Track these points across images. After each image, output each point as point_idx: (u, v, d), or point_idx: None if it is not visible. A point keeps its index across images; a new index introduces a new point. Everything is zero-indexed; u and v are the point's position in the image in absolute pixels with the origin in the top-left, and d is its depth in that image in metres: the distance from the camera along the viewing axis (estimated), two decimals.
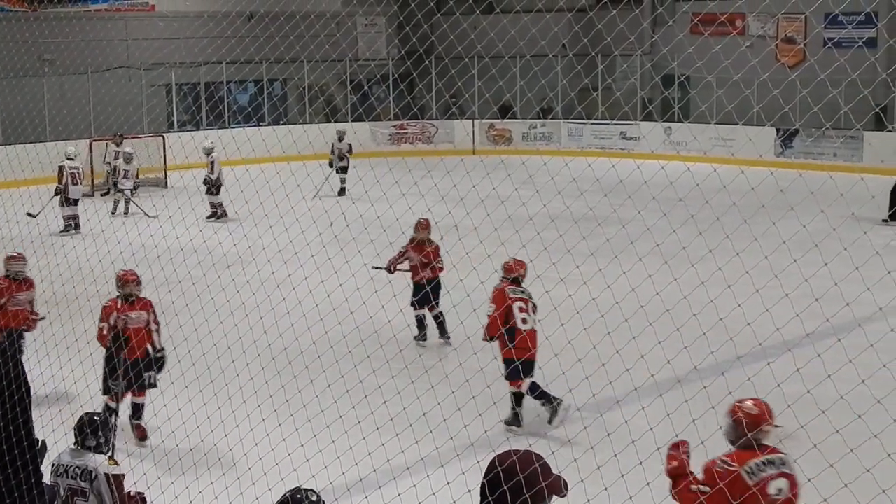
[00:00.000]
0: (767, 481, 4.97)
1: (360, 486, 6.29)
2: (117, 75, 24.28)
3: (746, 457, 5.01)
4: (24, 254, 9.88)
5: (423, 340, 10.85)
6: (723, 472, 4.93)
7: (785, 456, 5.17)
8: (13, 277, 9.60)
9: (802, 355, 6.75)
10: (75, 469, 5.61)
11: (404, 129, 27.02)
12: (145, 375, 8.56)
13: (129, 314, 8.55)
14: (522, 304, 8.44)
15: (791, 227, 7.34)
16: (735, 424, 5.20)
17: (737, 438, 5.14)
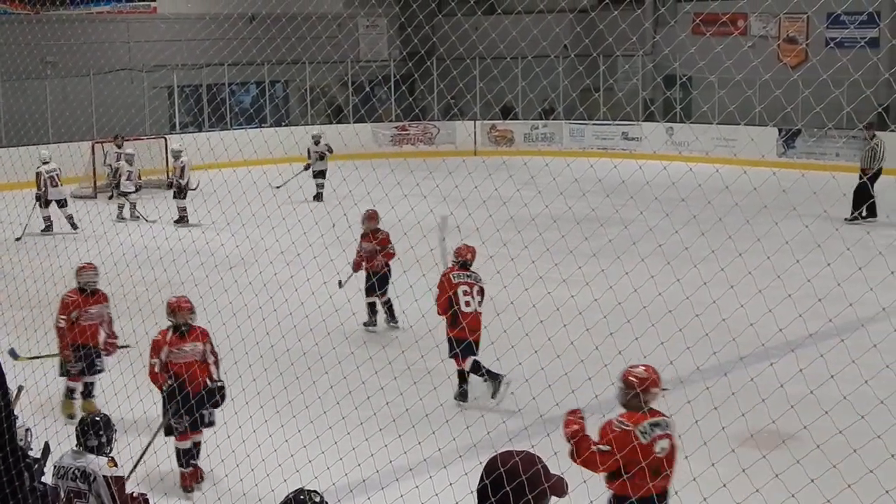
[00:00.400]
0: (655, 440, 5.49)
1: (363, 486, 6.29)
2: (119, 77, 24.29)
3: (638, 418, 5.51)
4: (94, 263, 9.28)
5: (373, 326, 11.23)
6: (619, 432, 5.44)
7: (669, 419, 5.64)
8: (84, 289, 8.99)
9: (805, 355, 6.75)
10: (75, 471, 5.61)
11: (406, 131, 27.02)
12: (203, 412, 7.73)
13: (181, 347, 7.72)
14: (467, 287, 8.91)
15: (794, 228, 7.33)
16: (627, 388, 5.65)
17: (629, 402, 5.63)
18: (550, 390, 6.23)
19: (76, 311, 8.81)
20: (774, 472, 4.92)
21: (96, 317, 8.92)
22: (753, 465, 5.16)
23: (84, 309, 8.85)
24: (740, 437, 6.63)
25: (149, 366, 7.72)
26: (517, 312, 6.79)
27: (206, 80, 25.62)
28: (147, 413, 7.38)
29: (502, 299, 7.61)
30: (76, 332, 8.77)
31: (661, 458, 5.50)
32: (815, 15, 22.19)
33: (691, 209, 7.60)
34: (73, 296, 8.90)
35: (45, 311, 9.82)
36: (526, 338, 6.30)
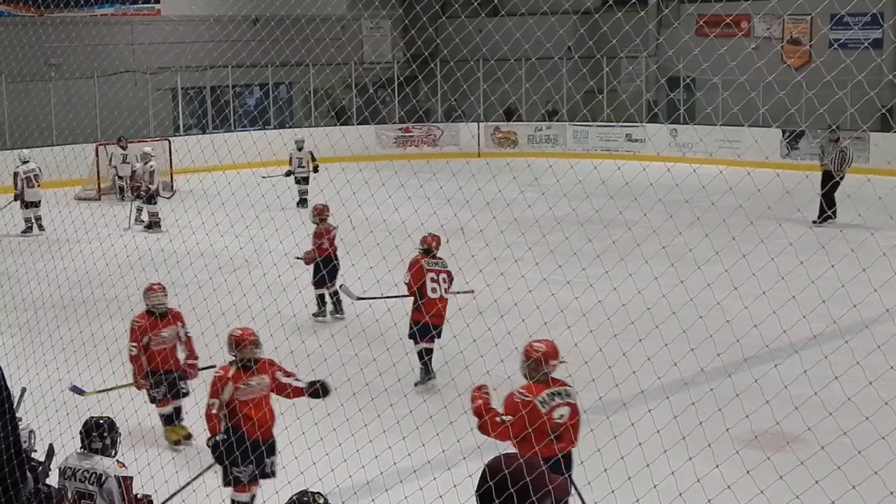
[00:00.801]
0: (554, 408, 5.96)
1: (367, 488, 6.29)
2: (123, 79, 24.32)
3: (538, 389, 5.98)
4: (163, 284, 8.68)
5: (322, 317, 11.74)
6: (520, 402, 5.88)
7: (570, 388, 6.10)
8: (153, 312, 8.42)
9: (809, 357, 6.75)
10: (83, 472, 5.61)
11: (409, 133, 27.02)
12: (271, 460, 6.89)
13: (248, 383, 6.82)
14: (434, 275, 9.53)
15: (797, 229, 7.33)
16: (528, 362, 6.08)
17: (530, 374, 6.07)
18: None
19: (146, 337, 8.26)
20: (779, 473, 4.92)
21: (169, 340, 8.37)
22: (758, 466, 5.16)
23: (155, 333, 8.30)
24: (745, 438, 6.63)
25: (206, 407, 6.80)
26: (521, 314, 6.79)
27: (210, 82, 25.66)
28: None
29: (506, 301, 7.61)
30: (150, 358, 8.22)
31: (561, 424, 5.96)
32: (818, 16, 22.17)
33: (695, 211, 7.60)
34: (142, 320, 8.35)
35: (50, 314, 9.85)
36: (530, 340, 6.30)
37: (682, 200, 7.61)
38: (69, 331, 8.61)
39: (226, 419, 6.72)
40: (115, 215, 18.74)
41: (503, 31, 9.85)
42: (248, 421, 6.66)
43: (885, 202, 6.70)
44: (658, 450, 5.16)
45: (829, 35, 22.31)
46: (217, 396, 6.71)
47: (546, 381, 6.05)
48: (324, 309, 11.87)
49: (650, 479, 4.72)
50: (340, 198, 8.47)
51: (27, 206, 17.61)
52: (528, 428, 5.68)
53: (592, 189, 8.03)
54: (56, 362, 8.00)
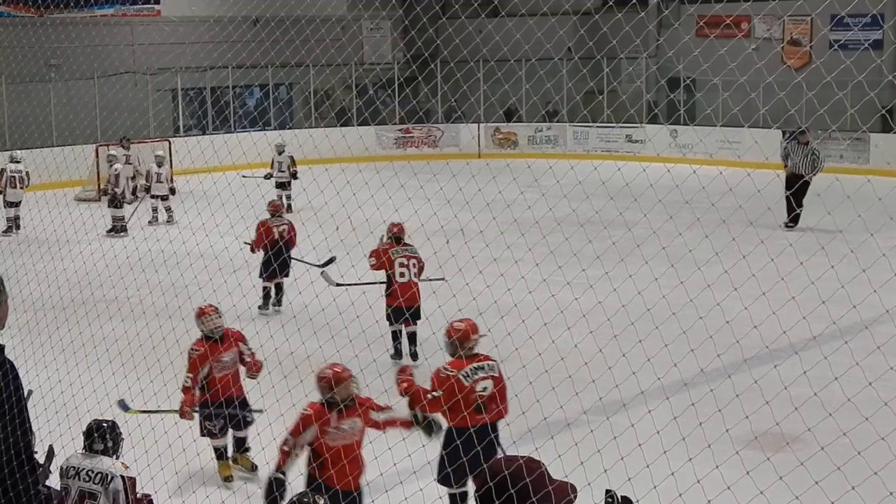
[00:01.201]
0: (477, 382, 6.43)
1: (367, 489, 6.29)
2: (123, 80, 24.33)
3: (461, 364, 6.46)
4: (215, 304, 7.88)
5: (266, 310, 11.99)
6: (445, 377, 6.36)
7: (493, 362, 6.57)
8: (211, 337, 7.66)
9: (809, 358, 6.75)
10: (88, 472, 5.61)
11: (410, 133, 27.02)
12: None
13: (339, 426, 6.05)
14: (404, 260, 10.06)
15: (798, 230, 7.32)
16: (450, 340, 6.58)
17: (453, 351, 6.56)
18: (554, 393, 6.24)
19: (206, 366, 7.52)
20: (779, 474, 4.92)
21: (231, 364, 7.62)
22: (758, 467, 5.16)
23: (216, 359, 7.53)
24: (745, 439, 6.63)
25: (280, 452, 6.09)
26: (521, 315, 6.79)
27: (210, 82, 25.66)
28: None
29: (506, 302, 7.61)
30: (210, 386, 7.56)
31: (485, 396, 6.44)
32: (818, 17, 22.16)
33: (695, 211, 7.60)
34: (200, 347, 7.56)
35: (50, 315, 9.84)
36: (530, 340, 6.30)
37: (682, 201, 7.60)
38: (69, 332, 8.61)
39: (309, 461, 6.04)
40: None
41: (503, 32, 9.86)
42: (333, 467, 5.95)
43: (884, 203, 6.70)
44: (658, 450, 5.16)
45: (829, 36, 22.30)
46: (296, 436, 5.99)
47: (469, 356, 6.55)
48: (268, 303, 12.17)
49: (650, 480, 4.72)
50: (340, 199, 8.47)
51: (8, 206, 17.62)
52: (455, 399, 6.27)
53: (592, 190, 8.03)
54: (56, 363, 8.00)
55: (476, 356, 6.58)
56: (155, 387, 8.02)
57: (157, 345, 8.27)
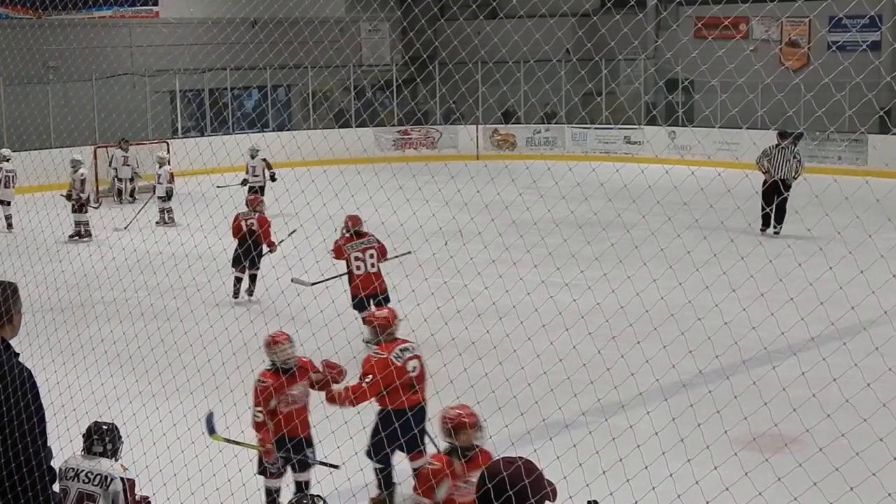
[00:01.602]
0: (407, 361, 6.95)
1: (365, 491, 6.29)
2: (121, 82, 24.33)
3: (390, 347, 6.95)
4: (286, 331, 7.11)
5: (236, 298, 12.66)
6: (378, 360, 6.85)
7: (413, 343, 7.13)
8: (283, 369, 6.87)
9: (807, 359, 6.75)
10: (87, 473, 5.61)
11: (408, 135, 27.03)
12: None
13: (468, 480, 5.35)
14: (359, 254, 10.67)
15: (795, 231, 7.33)
16: (374, 328, 7.12)
17: (375, 337, 7.10)
18: (553, 394, 6.24)
19: (274, 399, 6.80)
20: (777, 475, 4.91)
21: (300, 398, 6.86)
22: (756, 468, 5.15)
23: (284, 393, 6.80)
24: (743, 440, 6.63)
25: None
26: (519, 316, 6.79)
27: (209, 84, 25.66)
28: None
29: (505, 303, 7.61)
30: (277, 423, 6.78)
31: (413, 376, 6.94)
32: (817, 18, 22.20)
33: (694, 213, 7.60)
34: (268, 380, 6.82)
35: (48, 316, 9.84)
36: (528, 342, 6.31)
37: (680, 202, 7.60)
38: (67, 333, 8.61)
39: None
40: (114, 217, 18.75)
41: (501, 34, 9.87)
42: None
43: (883, 204, 6.70)
44: (656, 452, 5.16)
45: (827, 37, 22.32)
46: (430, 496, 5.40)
47: (390, 341, 7.01)
48: (238, 291, 12.86)
49: (649, 481, 4.72)
50: (339, 200, 8.47)
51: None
52: (388, 381, 6.64)
53: (591, 191, 8.03)
54: (54, 365, 7.99)
55: (397, 340, 7.06)
56: (153, 388, 8.02)
57: (155, 346, 8.27)
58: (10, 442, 4.12)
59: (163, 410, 7.86)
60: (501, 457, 2.87)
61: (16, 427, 4.10)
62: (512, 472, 2.76)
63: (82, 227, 17.30)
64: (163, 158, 19.41)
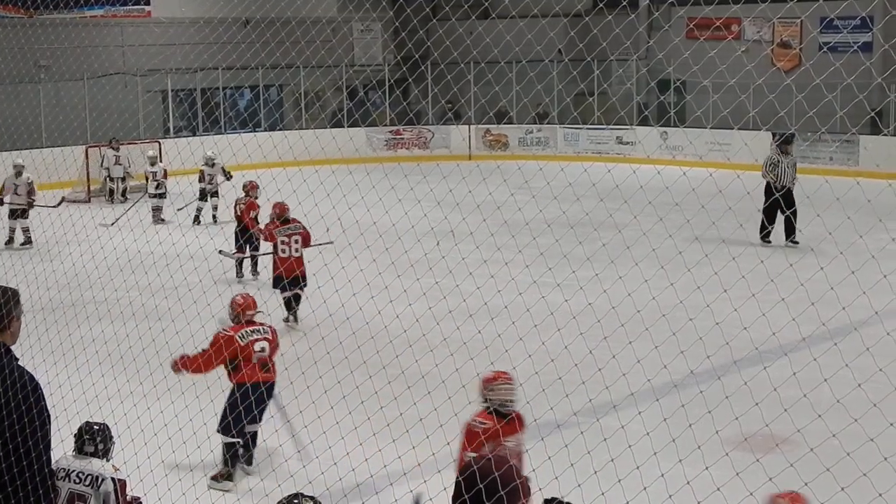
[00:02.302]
0: (253, 342, 7.61)
1: (357, 491, 6.28)
2: (113, 81, 24.28)
3: (238, 328, 7.71)
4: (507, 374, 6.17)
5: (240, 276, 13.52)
6: (224, 337, 7.58)
7: (266, 326, 7.84)
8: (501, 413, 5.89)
9: (799, 359, 6.76)
10: (78, 473, 5.60)
11: (400, 135, 27.02)
12: None
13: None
14: (285, 238, 11.56)
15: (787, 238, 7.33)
16: (232, 310, 7.87)
17: (235, 318, 7.81)
18: (545, 395, 6.25)
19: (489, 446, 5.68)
20: (768, 475, 4.92)
21: (514, 452, 5.78)
22: (747, 468, 5.16)
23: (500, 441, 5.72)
24: (734, 440, 6.64)
25: None
26: (511, 317, 6.79)
27: (201, 84, 25.62)
28: None
29: (496, 304, 7.61)
30: None
31: (263, 356, 7.60)
32: (808, 19, 22.26)
33: (685, 213, 7.61)
34: (488, 422, 5.83)
35: (39, 317, 9.81)
36: (520, 342, 6.31)
37: (672, 203, 7.62)
38: (58, 333, 8.58)
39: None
40: (105, 217, 18.71)
41: (494, 34, 9.87)
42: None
43: (874, 205, 6.71)
44: (648, 452, 5.17)
45: (818, 38, 22.38)
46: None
47: (248, 322, 7.78)
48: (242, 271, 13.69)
49: (640, 482, 4.72)
50: (331, 200, 8.47)
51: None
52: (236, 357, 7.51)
53: (583, 191, 8.03)
54: (45, 365, 7.96)
55: (253, 323, 7.79)
56: (145, 388, 8.00)
57: (146, 346, 8.25)
58: (11, 447, 4.12)
59: (154, 410, 7.85)
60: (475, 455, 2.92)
61: (17, 431, 4.09)
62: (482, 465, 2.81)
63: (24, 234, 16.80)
64: (154, 157, 19.32)
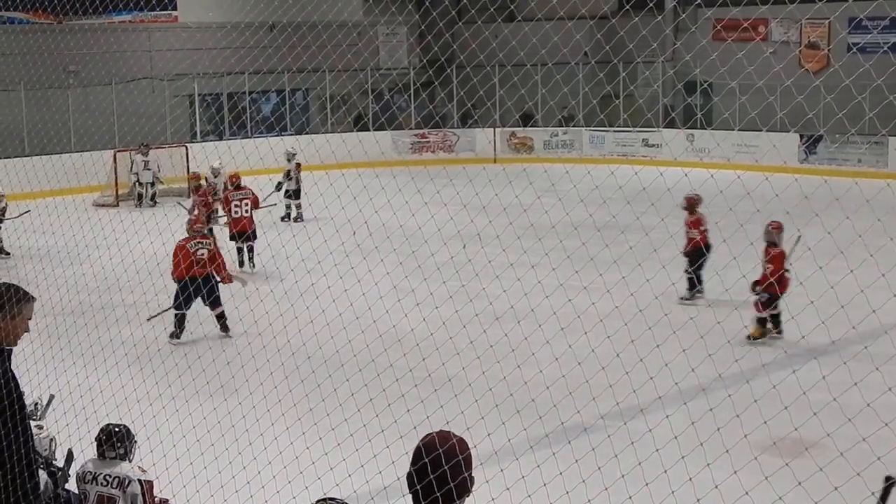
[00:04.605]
0: (197, 251, 11.24)
1: (384, 494, 6.28)
2: (141, 86, 24.45)
3: (189, 240, 11.38)
4: None
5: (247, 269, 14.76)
6: (179, 246, 11.25)
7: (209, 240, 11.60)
8: None
9: (828, 363, 6.71)
10: (106, 476, 5.64)
11: (426, 138, 27.04)
12: None
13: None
14: (237, 202, 14.99)
15: (816, 234, 7.30)
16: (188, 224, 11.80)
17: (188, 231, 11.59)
18: (572, 398, 6.24)
19: None
20: (797, 479, 4.89)
21: None
22: (776, 472, 5.13)
23: None
24: (763, 444, 6.60)
25: None
26: (538, 320, 6.79)
27: (227, 88, 25.76)
28: None
29: (523, 307, 7.61)
30: None
31: (203, 258, 11.23)
32: (837, 20, 22.10)
33: (713, 216, 7.58)
34: None
35: (69, 319, 9.89)
36: (547, 345, 6.31)
37: None
38: (88, 336, 8.66)
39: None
40: (133, 221, 18.83)
41: (519, 37, 9.86)
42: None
43: None
44: (675, 456, 5.15)
45: (847, 39, 22.21)
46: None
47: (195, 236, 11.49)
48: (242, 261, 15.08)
49: (668, 486, 4.70)
50: (357, 204, 8.49)
51: None
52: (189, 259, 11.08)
53: (609, 194, 8.02)
54: (75, 367, 8.04)
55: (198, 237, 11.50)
56: (173, 390, 8.05)
57: (174, 350, 8.31)
58: None
59: (182, 413, 7.90)
60: (436, 431, 2.93)
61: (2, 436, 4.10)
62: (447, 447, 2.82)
63: None
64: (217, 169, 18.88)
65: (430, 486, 2.81)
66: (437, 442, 2.87)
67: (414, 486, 2.85)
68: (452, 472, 2.82)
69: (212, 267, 11.27)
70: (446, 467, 2.81)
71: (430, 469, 2.82)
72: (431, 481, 2.81)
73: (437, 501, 2.82)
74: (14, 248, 15.84)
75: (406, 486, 2.90)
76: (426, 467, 2.82)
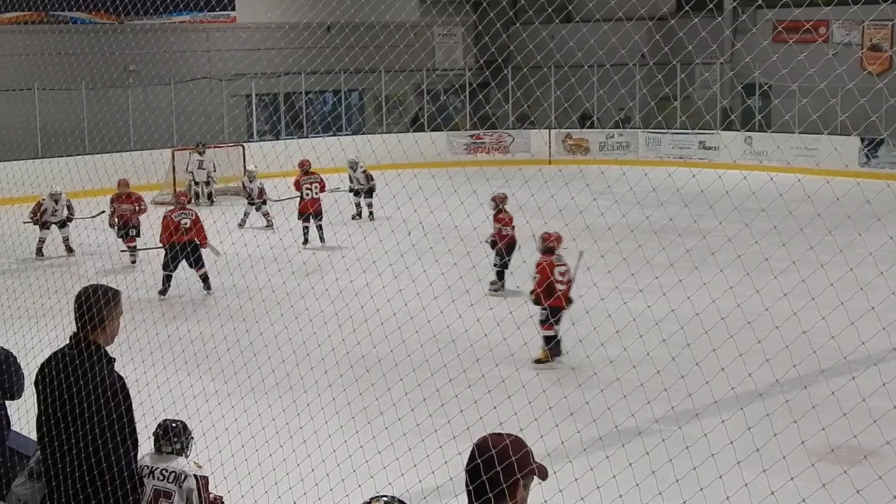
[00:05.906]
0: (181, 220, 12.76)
1: (437, 493, 6.31)
2: (199, 86, 24.73)
3: (175, 211, 13.07)
4: None
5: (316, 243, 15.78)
6: (167, 217, 12.86)
7: (191, 210, 13.31)
8: None
9: (888, 369, 6.61)
10: (163, 471, 5.71)
11: (481, 139, 27.03)
12: None
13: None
14: (308, 185, 16.38)
15: (877, 239, 7.18)
16: (174, 200, 13.77)
17: (174, 203, 13.17)
18: (626, 401, 6.20)
19: None
20: (855, 487, 4.82)
21: None
22: (834, 480, 5.06)
23: None
24: (820, 451, 6.51)
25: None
26: (593, 322, 6.76)
27: (284, 88, 25.96)
28: None
29: (578, 309, 7.58)
30: None
31: (187, 226, 12.66)
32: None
33: (772, 219, 7.49)
34: None
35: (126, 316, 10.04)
36: (601, 348, 6.27)
37: (758, 209, 7.49)
38: (146, 332, 8.78)
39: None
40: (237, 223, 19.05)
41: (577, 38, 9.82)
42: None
43: None
44: (731, 461, 5.09)
45: None
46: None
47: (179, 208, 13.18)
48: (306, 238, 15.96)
49: (723, 491, 4.66)
50: (413, 204, 8.52)
51: None
52: (176, 227, 12.46)
53: (666, 197, 7.95)
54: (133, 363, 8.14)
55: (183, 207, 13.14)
56: (229, 387, 8.14)
57: (231, 346, 8.40)
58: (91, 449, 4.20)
59: (238, 409, 7.98)
60: (490, 433, 2.94)
61: (97, 434, 4.17)
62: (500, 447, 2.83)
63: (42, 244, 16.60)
64: (252, 173, 19.10)
65: (483, 487, 2.83)
66: (489, 443, 2.89)
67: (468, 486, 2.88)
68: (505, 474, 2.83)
69: (193, 233, 12.78)
70: (498, 468, 2.83)
71: (482, 470, 2.84)
72: (484, 482, 2.83)
73: (489, 502, 2.83)
74: (75, 245, 16.08)
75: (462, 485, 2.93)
76: (479, 468, 2.85)
